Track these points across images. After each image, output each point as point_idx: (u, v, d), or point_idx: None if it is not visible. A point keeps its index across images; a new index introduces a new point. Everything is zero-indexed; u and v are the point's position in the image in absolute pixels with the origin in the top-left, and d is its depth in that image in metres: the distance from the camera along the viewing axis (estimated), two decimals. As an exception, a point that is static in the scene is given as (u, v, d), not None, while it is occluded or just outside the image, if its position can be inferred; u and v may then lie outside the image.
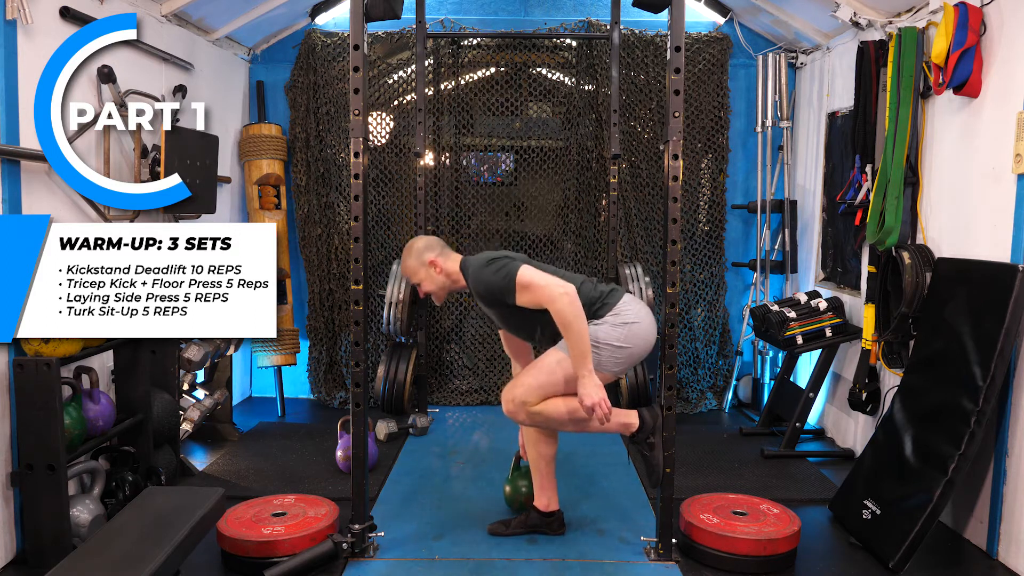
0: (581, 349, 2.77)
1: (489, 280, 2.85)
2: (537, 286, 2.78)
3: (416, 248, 3.01)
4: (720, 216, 5.28)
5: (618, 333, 2.87)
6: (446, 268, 2.98)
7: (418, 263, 2.99)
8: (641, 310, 2.94)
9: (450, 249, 3.05)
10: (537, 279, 2.78)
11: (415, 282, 3.05)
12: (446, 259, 2.99)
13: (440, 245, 3.03)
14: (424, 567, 2.95)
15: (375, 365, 4.92)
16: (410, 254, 3.02)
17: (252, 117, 5.21)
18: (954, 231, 3.42)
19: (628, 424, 2.96)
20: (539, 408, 2.88)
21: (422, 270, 2.99)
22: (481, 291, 2.90)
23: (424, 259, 2.97)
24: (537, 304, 2.80)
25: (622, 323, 2.88)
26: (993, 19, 3.12)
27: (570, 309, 2.74)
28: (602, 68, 5.12)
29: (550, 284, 2.76)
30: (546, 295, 2.76)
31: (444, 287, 3.02)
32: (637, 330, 2.89)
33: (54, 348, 2.85)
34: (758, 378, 5.27)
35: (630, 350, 2.90)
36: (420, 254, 2.99)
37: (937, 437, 3.03)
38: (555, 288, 2.75)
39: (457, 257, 3.02)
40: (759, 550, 2.92)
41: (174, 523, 2.31)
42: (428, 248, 3.00)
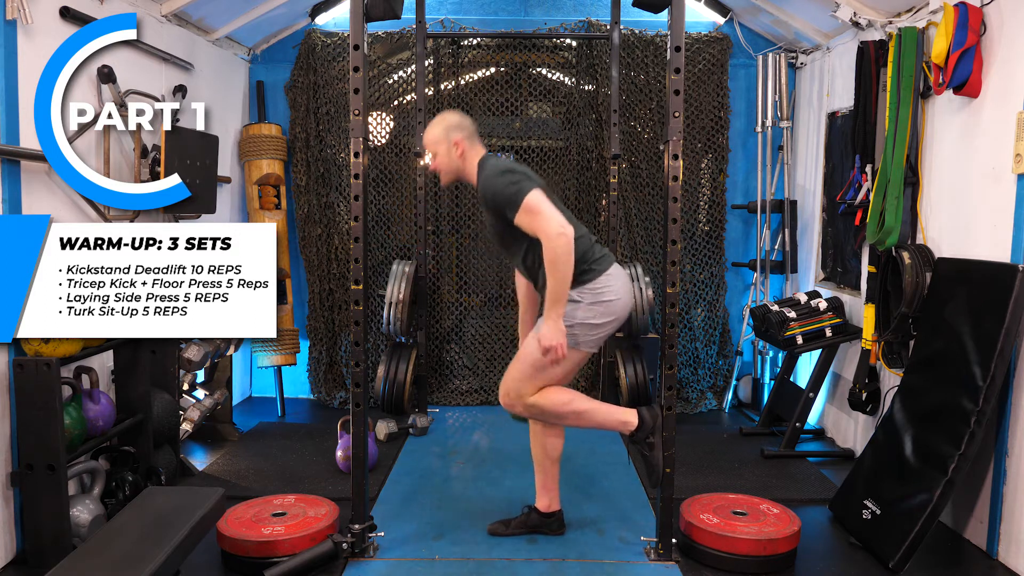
0: (559, 293, 2.73)
1: (498, 188, 2.79)
2: (541, 215, 2.72)
3: (448, 121, 2.94)
4: (720, 216, 5.28)
5: (596, 311, 2.84)
6: (468, 154, 2.92)
7: (443, 135, 2.92)
8: (623, 286, 2.91)
9: (479, 140, 2.98)
10: (544, 208, 2.73)
11: (430, 152, 2.97)
12: (471, 146, 2.93)
13: (471, 130, 2.96)
14: (424, 567, 2.95)
15: (375, 365, 4.92)
16: (439, 124, 2.94)
17: (252, 117, 5.21)
18: (954, 231, 3.42)
19: (627, 422, 2.95)
20: (535, 399, 2.88)
21: (443, 144, 2.92)
22: (487, 195, 2.84)
23: (451, 136, 2.91)
24: (533, 232, 2.75)
25: (601, 301, 2.84)
26: (993, 19, 3.12)
27: (563, 251, 2.69)
28: (602, 68, 5.12)
29: (553, 219, 2.71)
30: (545, 227, 2.71)
31: (455, 171, 2.96)
32: (615, 307, 2.87)
33: (54, 348, 2.85)
34: (758, 378, 5.27)
35: (607, 325, 2.89)
36: (449, 129, 2.92)
37: (937, 437, 3.03)
38: (555, 224, 2.70)
39: (480, 151, 2.96)
40: (759, 550, 2.92)
41: (174, 523, 2.31)
42: (459, 127, 2.93)
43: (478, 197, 2.95)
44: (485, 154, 2.95)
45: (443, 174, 2.98)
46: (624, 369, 4.73)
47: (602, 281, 2.85)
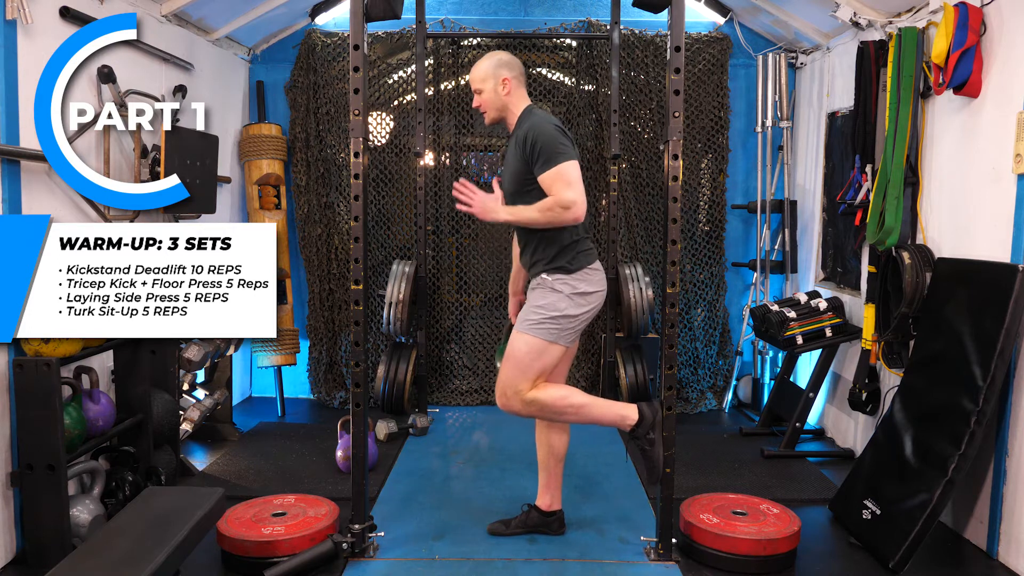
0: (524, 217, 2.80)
1: (546, 138, 2.78)
2: (568, 185, 2.73)
3: (499, 58, 2.95)
4: (720, 216, 5.28)
5: (575, 302, 2.86)
6: (514, 94, 2.94)
7: (492, 72, 2.93)
8: (600, 279, 2.93)
9: (525, 85, 3.00)
10: (576, 183, 2.74)
11: (477, 89, 2.97)
12: (518, 87, 2.95)
13: (520, 71, 2.97)
14: (424, 567, 2.95)
15: (375, 365, 4.92)
16: (488, 60, 2.95)
17: (252, 117, 5.21)
18: (954, 231, 3.42)
19: (627, 416, 2.93)
20: (532, 396, 2.85)
21: (491, 80, 2.92)
22: (531, 137, 2.80)
23: (500, 73, 2.92)
24: (549, 191, 2.76)
25: (578, 291, 2.86)
26: (993, 19, 3.12)
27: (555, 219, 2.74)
28: (602, 68, 5.12)
29: (576, 191, 2.72)
30: (563, 192, 2.72)
31: (500, 109, 2.96)
32: (593, 299, 2.90)
33: (54, 348, 2.85)
34: (758, 378, 5.27)
35: (583, 316, 2.89)
36: (499, 67, 2.93)
37: (937, 437, 3.03)
38: (574, 196, 2.71)
39: (527, 98, 2.98)
40: (759, 550, 2.92)
41: (174, 523, 2.31)
42: (508, 65, 2.94)
43: (512, 140, 2.93)
44: (531, 104, 2.97)
45: (488, 111, 2.98)
46: (624, 369, 4.73)
47: (584, 273, 2.87)
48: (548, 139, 2.77)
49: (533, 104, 2.98)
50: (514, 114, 2.95)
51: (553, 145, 2.76)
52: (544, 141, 2.77)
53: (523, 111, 2.94)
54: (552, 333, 2.84)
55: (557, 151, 2.75)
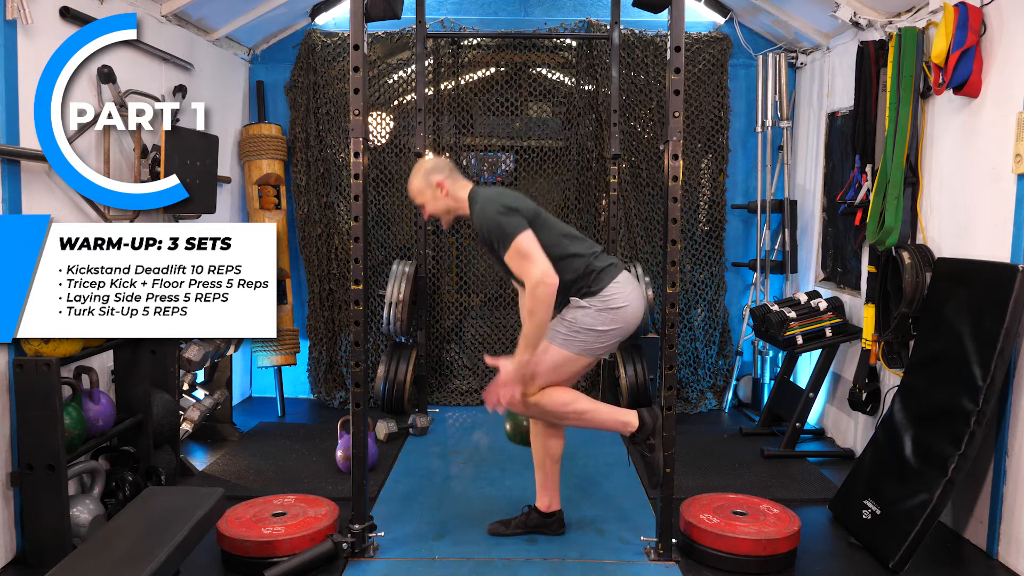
0: (532, 338, 2.76)
1: (490, 223, 2.79)
2: (528, 260, 2.73)
3: (424, 168, 2.97)
4: (720, 216, 5.28)
5: (603, 318, 2.85)
6: (453, 192, 2.94)
7: (424, 183, 2.95)
8: (632, 292, 2.90)
9: (460, 174, 3.00)
10: (531, 254, 2.73)
11: (419, 203, 3.00)
12: (454, 183, 2.95)
13: (449, 168, 2.99)
14: (424, 567, 2.95)
15: (375, 365, 4.92)
16: (417, 173, 2.97)
17: (252, 117, 5.21)
18: (954, 231, 3.42)
19: (627, 423, 2.95)
20: (536, 399, 2.88)
21: (428, 191, 2.95)
22: (480, 228, 2.85)
23: (431, 180, 2.94)
24: (519, 274, 2.78)
25: (609, 308, 2.84)
26: (993, 19, 3.12)
27: (542, 300, 2.71)
28: (602, 68, 5.12)
29: (538, 266, 2.72)
30: (530, 273, 2.72)
31: (449, 211, 2.98)
32: (624, 314, 2.87)
33: (54, 348, 2.85)
34: (758, 378, 5.27)
35: (614, 332, 2.89)
36: (428, 174, 2.95)
37: (937, 437, 3.03)
38: (539, 272, 2.70)
39: (467, 184, 2.97)
40: (759, 550, 2.92)
41: (174, 523, 2.31)
42: (436, 169, 2.96)
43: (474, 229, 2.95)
44: (472, 187, 2.97)
45: (441, 217, 3.01)
46: (624, 369, 4.73)
47: (610, 288, 2.86)
48: (493, 224, 2.78)
49: (474, 186, 2.98)
50: (464, 207, 2.95)
51: (498, 227, 2.77)
52: (491, 228, 2.79)
53: (469, 199, 2.93)
54: (577, 345, 2.86)
55: (505, 232, 2.76)
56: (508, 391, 2.79)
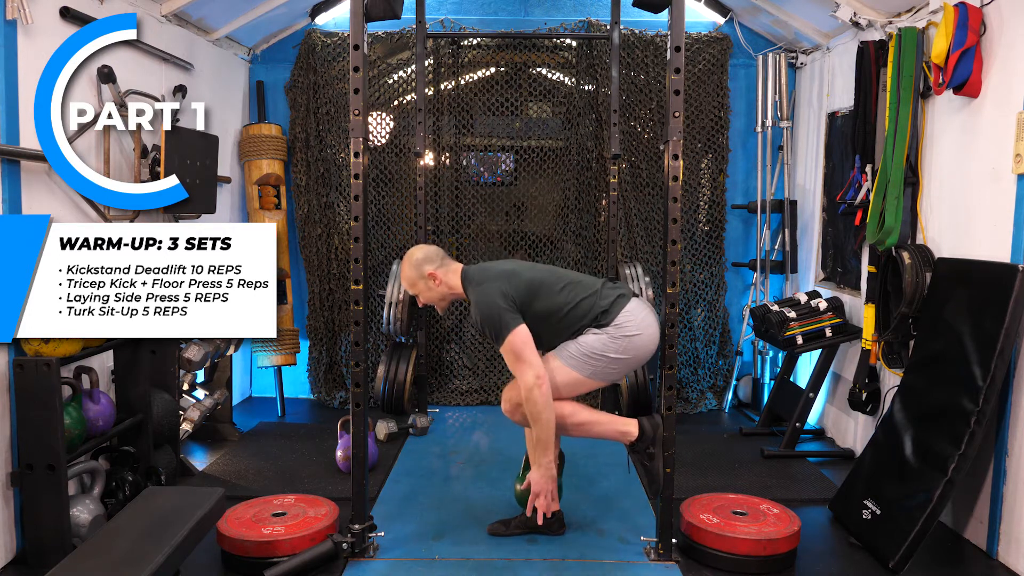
0: (543, 440, 2.82)
1: (485, 316, 2.85)
2: (520, 362, 2.79)
3: (415, 259, 3.01)
4: (720, 216, 5.28)
5: (616, 345, 2.87)
6: (446, 281, 2.99)
7: (417, 275, 3.00)
8: (644, 319, 2.92)
9: (450, 259, 3.04)
10: (523, 355, 2.78)
11: (413, 293, 3.06)
12: (446, 271, 2.99)
13: (439, 256, 3.02)
14: (424, 567, 2.95)
15: (375, 365, 4.92)
16: (408, 265, 3.02)
17: (252, 117, 5.21)
18: (954, 231, 3.42)
19: (627, 432, 2.97)
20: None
21: (420, 282, 3.01)
22: (475, 318, 2.91)
23: (423, 271, 2.98)
24: (511, 370, 2.84)
25: (622, 335, 2.87)
26: (993, 19, 3.12)
27: (540, 404, 2.77)
28: (602, 68, 5.12)
29: (530, 369, 2.77)
30: (523, 376, 2.79)
31: (444, 298, 3.04)
32: (637, 342, 2.89)
33: (54, 348, 2.85)
34: (758, 378, 5.27)
35: (628, 360, 2.92)
36: (419, 266, 2.99)
37: (937, 437, 3.03)
38: (530, 377, 2.76)
39: (458, 268, 3.01)
40: (759, 550, 2.92)
41: (174, 523, 2.31)
42: (427, 260, 3.00)
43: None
44: (462, 269, 3.01)
45: (436, 304, 3.06)
46: (624, 369, 4.72)
47: (620, 318, 2.88)
48: (487, 317, 2.83)
49: (464, 267, 3.01)
50: (458, 291, 2.99)
51: (493, 323, 2.81)
52: (486, 320, 2.83)
53: (463, 282, 2.97)
54: (587, 369, 2.89)
55: (498, 328, 2.80)
56: (544, 500, 2.89)
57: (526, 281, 2.91)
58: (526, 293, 2.88)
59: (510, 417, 3.01)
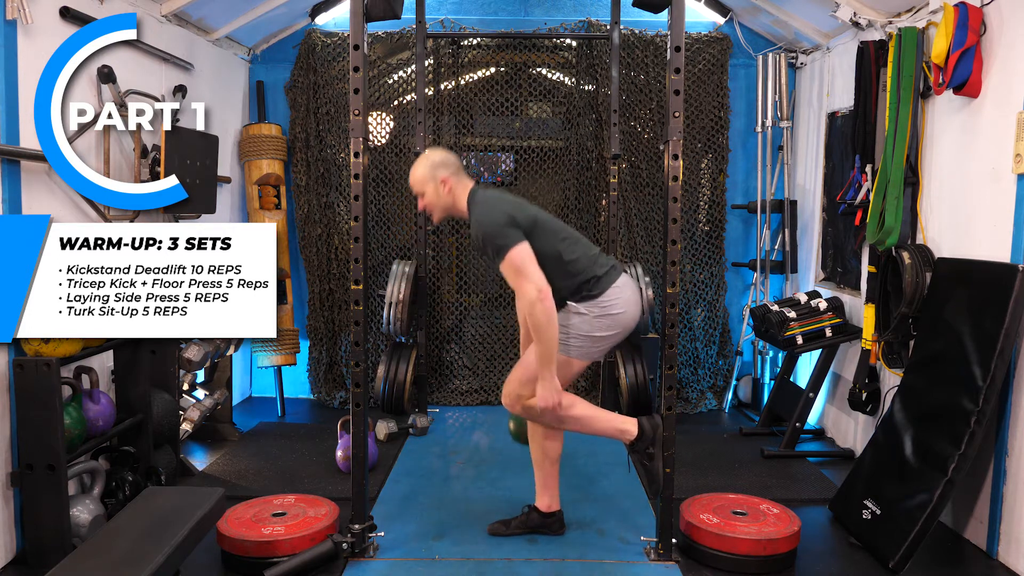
0: (546, 353, 2.76)
1: (485, 235, 2.78)
2: (521, 275, 2.73)
3: (432, 160, 2.94)
4: (720, 216, 5.28)
5: (600, 324, 2.86)
6: (455, 191, 2.92)
7: (429, 175, 2.92)
8: (631, 296, 2.91)
9: (464, 173, 2.98)
10: (525, 269, 2.73)
11: (418, 192, 2.97)
12: (458, 182, 2.92)
13: (456, 165, 2.95)
14: (424, 567, 2.95)
15: (375, 365, 4.92)
16: (423, 164, 2.94)
17: (252, 117, 5.21)
18: (954, 231, 3.42)
19: (626, 431, 2.96)
20: (533, 402, 2.89)
21: (430, 184, 2.92)
22: (476, 234, 2.83)
23: (437, 174, 2.91)
24: (513, 286, 2.78)
25: (607, 314, 2.86)
26: (993, 19, 3.12)
27: (542, 317, 2.72)
28: (602, 68, 5.12)
29: (530, 283, 2.71)
30: (523, 289, 2.72)
31: (446, 208, 2.96)
32: (621, 319, 2.89)
33: (54, 348, 2.85)
34: (758, 378, 5.27)
35: (611, 337, 2.91)
36: (434, 168, 2.92)
37: (937, 437, 3.03)
38: (533, 288, 2.70)
39: (469, 184, 2.95)
40: (759, 550, 2.92)
41: (174, 523, 2.31)
42: (443, 164, 2.92)
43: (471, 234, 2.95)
44: (473, 187, 2.95)
45: (434, 212, 2.98)
46: (624, 369, 4.73)
47: (610, 294, 2.86)
48: (491, 232, 2.77)
49: (475, 186, 2.96)
50: (462, 207, 2.93)
51: (494, 239, 2.76)
52: (486, 238, 2.78)
53: (468, 200, 2.92)
54: (574, 351, 2.88)
55: (499, 244, 2.75)
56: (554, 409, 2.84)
57: (532, 215, 2.87)
58: (530, 226, 2.82)
59: (510, 409, 3.01)
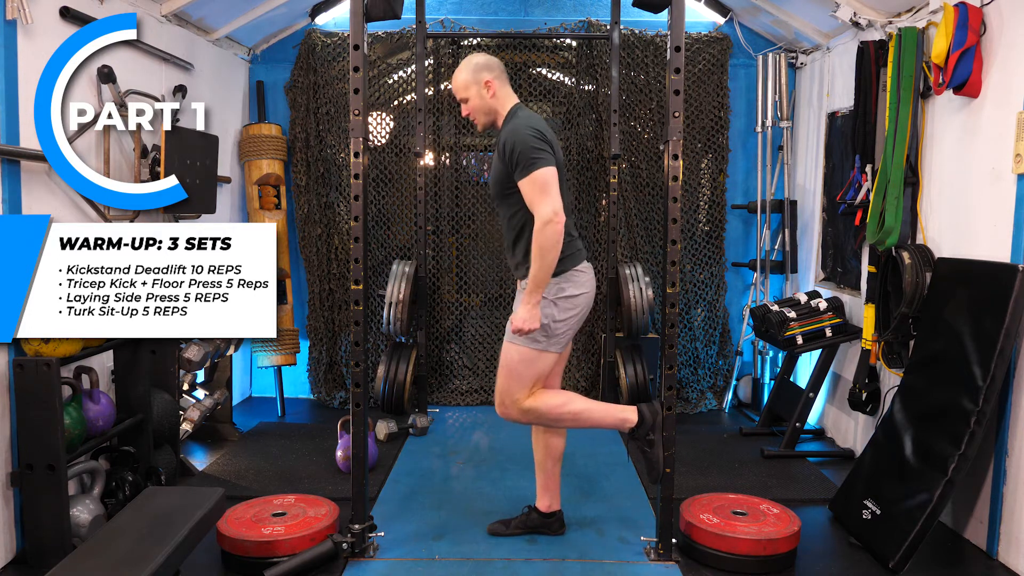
0: (540, 279, 2.71)
1: (520, 144, 2.72)
2: (545, 194, 2.68)
3: (475, 62, 2.89)
4: (720, 216, 5.28)
5: (563, 306, 2.83)
6: (499, 96, 2.88)
7: (472, 78, 2.87)
8: (589, 280, 2.91)
9: (508, 81, 2.94)
10: (549, 188, 2.68)
11: (462, 98, 2.92)
12: (502, 86, 2.89)
13: (500, 69, 2.91)
14: (424, 567, 2.95)
15: (375, 365, 4.92)
16: (465, 67, 2.89)
17: (252, 117, 5.21)
18: (954, 231, 3.42)
19: (626, 419, 2.95)
20: (530, 404, 2.88)
21: (474, 87, 2.87)
22: (507, 143, 2.76)
23: (480, 77, 2.87)
24: (530, 203, 2.72)
25: (569, 295, 2.84)
26: (993, 19, 3.12)
27: (551, 238, 2.66)
28: (602, 68, 5.12)
29: (553, 202, 2.67)
30: (542, 208, 2.67)
31: (488, 113, 2.90)
32: (580, 301, 2.87)
33: (54, 348, 2.85)
34: (758, 378, 5.27)
35: (571, 321, 2.88)
36: (478, 70, 2.87)
37: (937, 437, 3.03)
38: (551, 209, 2.66)
39: (513, 96, 2.92)
40: (759, 550, 2.92)
41: (174, 523, 2.31)
42: (488, 67, 2.89)
43: (496, 141, 2.88)
44: (517, 101, 2.92)
45: (477, 117, 2.92)
46: (624, 369, 4.73)
47: (574, 273, 2.85)
48: (524, 145, 2.72)
49: (520, 102, 2.93)
50: (502, 115, 2.90)
51: (528, 151, 2.71)
52: (520, 147, 2.72)
53: (509, 111, 2.89)
54: (540, 342, 2.85)
55: (532, 158, 2.70)
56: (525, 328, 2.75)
57: (561, 161, 2.85)
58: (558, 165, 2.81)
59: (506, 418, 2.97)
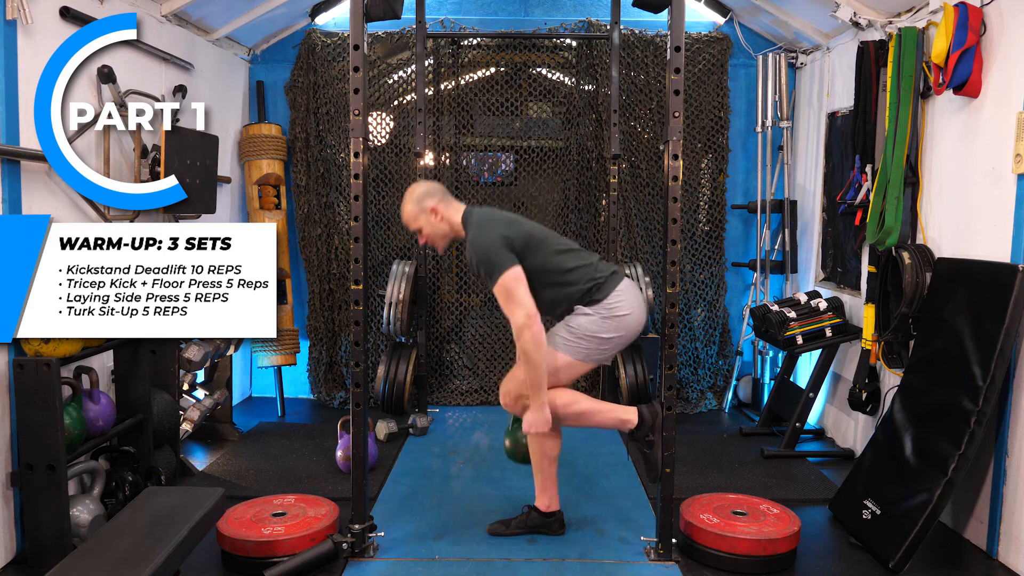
0: (535, 381, 2.81)
1: (479, 257, 2.83)
2: (512, 301, 2.78)
3: (416, 193, 2.98)
4: (720, 216, 5.28)
5: (607, 325, 2.88)
6: (448, 216, 2.96)
7: (418, 209, 2.97)
8: (635, 300, 2.94)
9: (452, 197, 3.02)
10: (515, 294, 2.77)
11: (414, 228, 3.02)
12: (447, 206, 2.97)
13: (441, 192, 3.00)
14: (424, 567, 2.95)
15: (375, 365, 4.92)
16: (410, 199, 2.99)
17: (252, 117, 5.21)
18: (954, 231, 3.42)
19: (627, 420, 2.97)
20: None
21: (422, 216, 2.97)
22: (472, 257, 2.88)
23: (424, 205, 2.95)
24: (503, 309, 2.82)
25: (614, 316, 2.88)
26: (993, 19, 3.12)
27: (531, 344, 2.76)
28: (602, 68, 5.12)
29: (520, 309, 2.76)
30: (514, 315, 2.78)
31: (445, 236, 3.00)
32: (627, 322, 2.91)
33: (54, 348, 2.85)
34: (758, 378, 5.27)
35: (617, 340, 2.92)
36: (420, 200, 2.96)
37: (937, 437, 3.03)
38: (520, 317, 2.76)
39: (460, 207, 2.99)
40: (759, 550, 2.92)
41: (174, 523, 2.31)
42: (429, 194, 2.97)
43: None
44: (465, 209, 2.99)
45: (437, 242, 3.03)
46: (624, 369, 4.73)
47: (613, 297, 2.89)
48: (483, 256, 2.82)
49: (467, 207, 3.00)
50: (458, 231, 2.98)
51: (487, 263, 2.81)
52: (482, 261, 2.82)
53: (463, 222, 2.96)
54: (580, 352, 2.90)
55: (491, 266, 2.80)
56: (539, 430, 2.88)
57: (527, 232, 2.91)
58: (525, 243, 2.87)
59: (510, 410, 3.02)
